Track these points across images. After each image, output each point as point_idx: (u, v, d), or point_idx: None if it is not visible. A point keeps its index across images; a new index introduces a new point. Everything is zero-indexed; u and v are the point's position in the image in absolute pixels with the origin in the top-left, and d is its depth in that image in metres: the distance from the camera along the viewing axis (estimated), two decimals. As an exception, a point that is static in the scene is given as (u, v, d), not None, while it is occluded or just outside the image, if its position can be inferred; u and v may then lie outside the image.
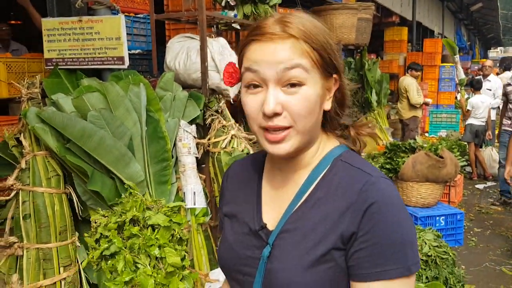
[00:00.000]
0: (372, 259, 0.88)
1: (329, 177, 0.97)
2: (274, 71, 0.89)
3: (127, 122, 2.73)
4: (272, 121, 0.89)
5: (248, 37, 0.95)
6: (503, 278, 4.23)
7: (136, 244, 1.01)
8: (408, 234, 0.90)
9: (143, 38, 3.63)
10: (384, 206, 0.89)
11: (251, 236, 1.01)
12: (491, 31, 32.04)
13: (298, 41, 0.90)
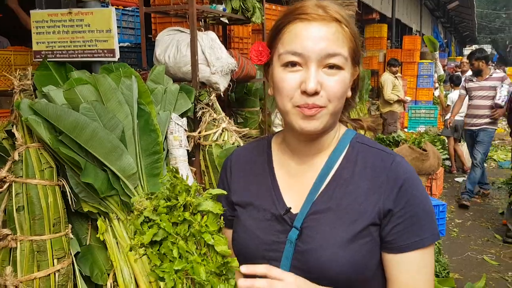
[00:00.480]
0: (409, 230, 0.97)
1: (352, 157, 1.03)
2: (318, 53, 0.92)
3: (119, 114, 2.73)
4: (310, 99, 0.93)
5: (288, 16, 0.97)
6: (485, 266, 4.37)
7: (188, 231, 1.00)
8: (431, 205, 0.99)
9: (132, 31, 3.62)
10: (413, 182, 0.99)
11: (274, 221, 1.03)
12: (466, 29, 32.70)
13: (341, 26, 0.95)
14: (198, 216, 1.01)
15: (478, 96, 6.14)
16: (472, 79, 6.27)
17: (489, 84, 6.04)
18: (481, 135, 6.16)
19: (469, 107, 6.31)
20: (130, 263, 2.80)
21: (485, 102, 6.08)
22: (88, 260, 2.77)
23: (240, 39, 4.78)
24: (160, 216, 0.97)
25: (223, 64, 3.16)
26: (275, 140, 1.15)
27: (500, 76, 6.07)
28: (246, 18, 3.78)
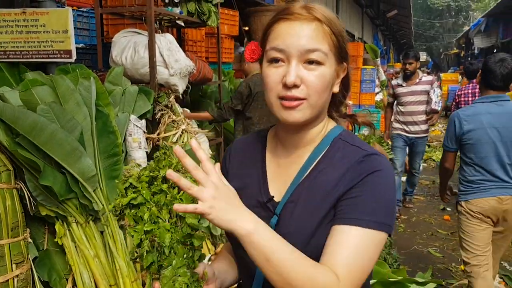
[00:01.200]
0: (354, 207, 0.99)
1: (331, 153, 1.10)
2: (298, 49, 1.00)
3: (77, 116, 2.69)
4: (290, 91, 1.01)
5: (275, 16, 1.06)
6: (431, 258, 4.63)
7: (162, 200, 1.07)
8: (390, 200, 1.03)
9: (86, 32, 3.56)
10: (380, 174, 1.02)
11: (259, 208, 1.10)
12: (404, 36, 34.19)
13: (321, 24, 1.03)
14: (175, 190, 1.08)
15: (410, 102, 5.76)
16: (401, 84, 5.82)
17: (420, 88, 5.71)
18: (419, 145, 5.94)
19: (401, 114, 5.88)
20: (90, 267, 2.76)
21: (419, 107, 5.76)
22: (46, 265, 2.71)
23: (194, 42, 4.80)
24: (141, 184, 1.06)
25: (182, 66, 3.18)
26: (270, 132, 1.23)
27: (429, 79, 5.82)
28: (202, 21, 3.81)
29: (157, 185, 1.08)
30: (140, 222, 1.05)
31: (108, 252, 2.86)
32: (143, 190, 1.07)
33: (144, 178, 1.10)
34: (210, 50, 5.30)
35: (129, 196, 1.05)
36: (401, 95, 5.80)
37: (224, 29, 5.15)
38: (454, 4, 46.28)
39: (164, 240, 1.04)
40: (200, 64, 3.65)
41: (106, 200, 2.84)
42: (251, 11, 5.68)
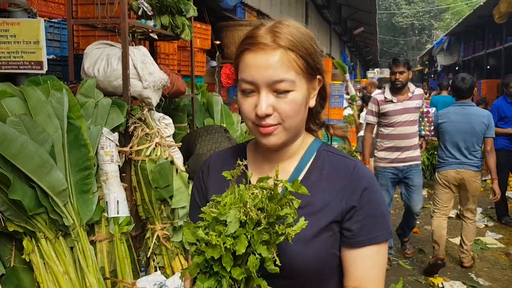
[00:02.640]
0: (367, 227, 1.08)
1: (319, 163, 1.14)
2: (265, 81, 1.03)
3: (48, 128, 2.63)
4: (264, 120, 1.05)
5: (242, 45, 1.08)
6: (401, 271, 4.70)
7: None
8: (387, 207, 1.13)
9: (57, 44, 3.48)
10: (374, 185, 1.12)
11: None
12: (370, 53, 35.05)
13: (286, 52, 1.04)
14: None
15: (402, 122, 4.44)
16: (390, 100, 4.46)
17: (414, 104, 4.49)
18: (415, 177, 4.59)
19: (389, 138, 4.50)
20: (59, 284, 2.68)
21: (412, 128, 4.52)
22: (13, 283, 2.62)
23: (166, 55, 4.78)
24: (250, 231, 0.89)
25: (156, 79, 3.16)
26: (249, 146, 1.25)
27: (421, 93, 4.66)
28: (175, 34, 3.80)
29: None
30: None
31: (78, 269, 2.79)
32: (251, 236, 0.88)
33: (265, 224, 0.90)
34: (183, 63, 5.29)
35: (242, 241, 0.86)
36: (390, 114, 4.46)
37: (197, 43, 5.16)
38: (417, 23, 47.79)
39: None
40: (173, 77, 3.63)
41: (77, 215, 2.78)
42: (223, 25, 5.71)
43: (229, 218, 0.88)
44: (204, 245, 0.89)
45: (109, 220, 2.96)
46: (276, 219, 0.90)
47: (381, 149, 4.61)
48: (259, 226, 0.89)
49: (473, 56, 19.43)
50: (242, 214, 0.89)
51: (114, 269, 3.00)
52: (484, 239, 5.75)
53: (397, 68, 4.47)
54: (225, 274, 0.88)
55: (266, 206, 0.90)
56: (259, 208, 0.90)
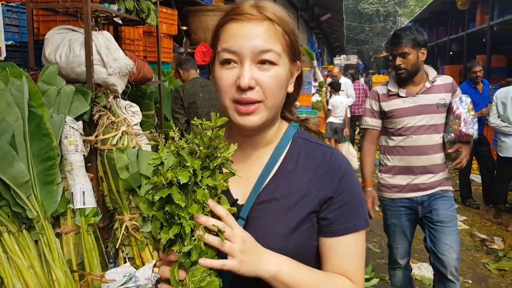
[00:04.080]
0: (344, 216, 1.05)
1: (295, 151, 1.09)
2: (251, 51, 0.97)
3: (8, 117, 2.51)
4: (245, 94, 0.98)
5: (225, 16, 1.02)
6: (370, 254, 4.77)
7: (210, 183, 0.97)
8: (363, 195, 1.10)
9: (16, 29, 3.31)
10: (350, 173, 1.08)
11: None
12: (336, 40, 35.24)
13: (273, 24, 1.00)
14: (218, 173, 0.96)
15: (417, 127, 2.86)
16: (397, 93, 2.90)
17: (436, 99, 2.86)
18: (442, 211, 2.88)
19: (398, 152, 2.94)
20: (24, 279, 2.59)
21: (434, 137, 2.89)
22: (-26, 280, 2.50)
23: (131, 40, 4.64)
24: (193, 160, 0.90)
25: (121, 65, 3.06)
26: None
27: (448, 82, 2.93)
28: (140, 19, 3.69)
29: (213, 165, 0.92)
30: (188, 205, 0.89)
31: (44, 262, 2.70)
32: (196, 167, 0.89)
33: (200, 154, 0.92)
34: (149, 49, 5.15)
35: (185, 173, 0.87)
36: (397, 115, 2.88)
37: (163, 28, 5.03)
38: (382, 9, 48.37)
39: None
40: (139, 63, 3.53)
41: (41, 207, 2.68)
42: (190, 10, 5.60)
43: (163, 156, 0.91)
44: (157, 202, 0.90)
45: (75, 212, 2.87)
46: (209, 149, 0.92)
47: (386, 170, 3.05)
48: (195, 155, 0.92)
49: (436, 42, 19.79)
50: (174, 148, 0.91)
51: (81, 261, 2.92)
52: (449, 221, 5.89)
53: (398, 49, 2.83)
54: (183, 214, 0.87)
55: (199, 143, 0.92)
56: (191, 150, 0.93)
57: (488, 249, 5.00)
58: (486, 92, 6.38)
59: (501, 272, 4.43)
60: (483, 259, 4.73)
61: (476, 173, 7.84)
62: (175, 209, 0.88)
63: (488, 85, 6.65)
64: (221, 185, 0.94)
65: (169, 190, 0.88)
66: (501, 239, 5.27)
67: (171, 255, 0.91)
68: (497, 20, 11.71)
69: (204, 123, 0.93)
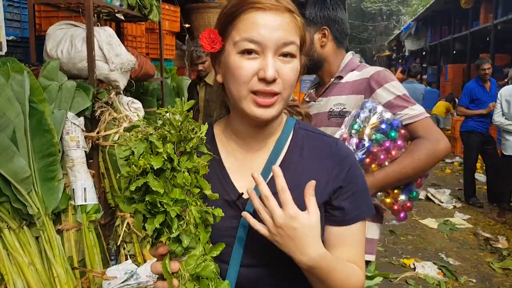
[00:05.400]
0: (354, 205, 1.06)
1: (298, 143, 1.09)
2: (275, 42, 0.95)
3: (9, 113, 2.49)
4: (268, 86, 0.95)
5: (243, 5, 0.98)
6: (374, 254, 4.73)
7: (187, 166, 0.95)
8: (367, 183, 1.11)
9: (17, 24, 3.29)
10: (356, 162, 1.10)
11: (226, 207, 1.01)
12: (339, 39, 35.11)
13: (293, 15, 0.99)
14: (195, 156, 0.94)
15: None
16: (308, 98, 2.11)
17: (331, 104, 1.97)
18: None
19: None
20: (25, 275, 2.57)
21: None
22: (-26, 276, 2.48)
23: (134, 37, 4.62)
24: (166, 145, 0.87)
25: (123, 61, 3.03)
26: (217, 127, 1.15)
27: (363, 77, 1.88)
28: (143, 15, 3.66)
29: (185, 147, 0.90)
30: (164, 194, 0.86)
31: (45, 259, 2.68)
32: (170, 151, 0.87)
33: (171, 138, 0.89)
34: (151, 46, 5.13)
35: (159, 158, 0.85)
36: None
37: (165, 25, 5.01)
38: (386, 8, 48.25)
39: (195, 215, 0.89)
40: (141, 60, 3.51)
41: (42, 203, 2.66)
42: (193, 7, 5.57)
43: (132, 145, 0.88)
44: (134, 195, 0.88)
45: (76, 208, 2.84)
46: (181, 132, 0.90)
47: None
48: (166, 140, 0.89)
49: (439, 41, 19.73)
50: (142, 136, 0.89)
51: (82, 258, 2.90)
52: (453, 220, 5.86)
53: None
54: (165, 200, 0.84)
55: (169, 128, 0.90)
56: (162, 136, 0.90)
57: (492, 248, 4.96)
58: (493, 91, 6.35)
59: (505, 271, 4.40)
60: (487, 258, 4.69)
61: (480, 171, 7.80)
62: (155, 197, 0.85)
63: (496, 84, 6.62)
64: (202, 168, 0.92)
65: (144, 179, 0.85)
66: (505, 238, 5.23)
67: (160, 247, 0.89)
68: (501, 18, 11.66)
69: (171, 110, 0.91)
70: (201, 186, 0.92)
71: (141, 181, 0.84)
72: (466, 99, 6.45)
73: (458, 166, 9.05)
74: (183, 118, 0.90)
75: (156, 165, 0.84)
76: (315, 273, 0.94)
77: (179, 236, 0.85)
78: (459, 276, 4.24)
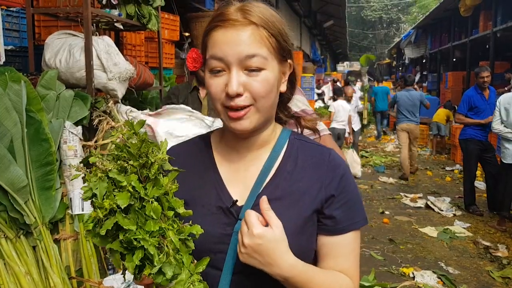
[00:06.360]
0: (346, 214, 1.06)
1: (293, 152, 1.10)
2: (237, 57, 0.97)
3: (6, 122, 2.49)
4: (234, 101, 0.98)
5: (211, 23, 1.03)
6: (373, 261, 4.72)
7: (155, 194, 0.90)
8: (360, 194, 1.11)
9: (16, 34, 3.31)
10: (348, 172, 1.10)
11: (220, 214, 1.04)
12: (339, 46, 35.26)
13: (257, 28, 0.99)
14: (161, 177, 0.93)
15: None
16: None
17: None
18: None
19: None
20: (21, 285, 2.55)
21: None
22: (-30, 286, 2.47)
23: (133, 46, 4.64)
24: (129, 177, 0.84)
25: (121, 70, 3.04)
26: (214, 137, 1.18)
27: None
28: (142, 24, 3.68)
29: (150, 173, 0.88)
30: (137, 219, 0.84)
31: (42, 268, 2.67)
32: (134, 183, 0.84)
33: (133, 169, 0.87)
34: (150, 55, 5.15)
35: (123, 195, 0.81)
36: None
37: (165, 34, 5.02)
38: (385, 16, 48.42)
39: (174, 241, 0.87)
40: (140, 69, 3.52)
41: (39, 213, 2.65)
42: (192, 16, 5.57)
43: (93, 187, 0.83)
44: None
45: (73, 218, 2.84)
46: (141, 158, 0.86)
47: None
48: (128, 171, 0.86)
49: (439, 48, 19.77)
50: (101, 174, 0.84)
51: (80, 268, 2.89)
52: (453, 228, 5.85)
53: None
54: (140, 236, 0.82)
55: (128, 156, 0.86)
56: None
57: (492, 256, 4.94)
58: (492, 99, 6.35)
59: (505, 280, 4.38)
60: (487, 267, 4.67)
61: (480, 179, 7.79)
62: (129, 235, 0.82)
63: (495, 92, 6.62)
64: (171, 188, 0.91)
65: (114, 218, 0.82)
66: (505, 246, 5.21)
67: (145, 279, 0.89)
68: (501, 26, 11.69)
69: (123, 133, 0.89)
70: (174, 207, 0.90)
71: (111, 222, 0.82)
72: (464, 107, 6.45)
73: (458, 174, 9.04)
74: (139, 143, 0.87)
75: (123, 203, 0.82)
76: (293, 284, 0.95)
77: (161, 269, 0.84)
78: (458, 285, 4.22)
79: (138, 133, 0.88)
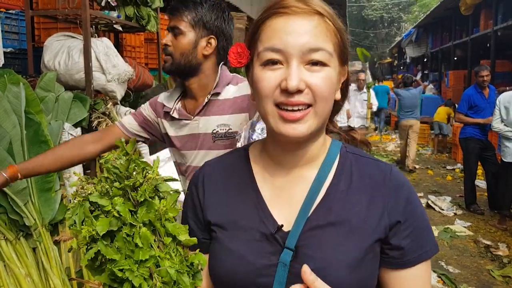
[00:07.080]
0: (416, 243, 0.90)
1: (346, 169, 0.95)
2: (299, 49, 0.84)
3: (5, 124, 2.51)
4: (293, 97, 0.83)
5: (268, 11, 0.89)
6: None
7: (146, 218, 0.78)
8: (427, 217, 0.96)
9: (15, 36, 3.33)
10: (413, 192, 0.94)
11: (263, 241, 0.90)
12: (340, 46, 35.20)
13: (323, 19, 0.87)
14: (156, 200, 0.82)
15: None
16: (170, 109, 1.86)
17: (214, 125, 1.85)
18: None
19: None
20: (21, 286, 2.56)
21: None
22: (-29, 288, 2.49)
23: (133, 47, 4.66)
24: (113, 200, 0.77)
25: (120, 71, 3.06)
26: (252, 151, 1.03)
27: (243, 94, 1.81)
28: (140, 26, 3.69)
29: (140, 195, 0.79)
30: (120, 255, 0.76)
31: (42, 270, 2.68)
32: (119, 207, 0.76)
33: (116, 192, 0.79)
34: (150, 56, 5.16)
35: (103, 220, 0.74)
36: (176, 147, 1.92)
37: (164, 35, 5.04)
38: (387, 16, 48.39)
39: (168, 272, 0.78)
40: (139, 70, 3.53)
41: (39, 215, 2.66)
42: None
43: (72, 213, 0.78)
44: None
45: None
46: (129, 180, 0.79)
47: None
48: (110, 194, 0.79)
49: (440, 47, 19.75)
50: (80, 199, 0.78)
51: (80, 269, 2.90)
52: (453, 227, 5.84)
53: (171, 19, 1.81)
54: (127, 266, 0.75)
55: (115, 178, 0.80)
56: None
57: (493, 255, 4.94)
58: (492, 98, 6.35)
59: (505, 279, 4.37)
60: (487, 266, 4.67)
61: (481, 178, 7.78)
62: (111, 267, 0.75)
63: (494, 91, 6.61)
64: (170, 209, 0.81)
65: (96, 247, 0.75)
66: (506, 245, 5.21)
67: None
68: (501, 25, 11.67)
69: (113, 154, 0.81)
70: (173, 233, 0.81)
71: (93, 251, 0.75)
72: (464, 106, 6.45)
73: (459, 173, 9.03)
74: (126, 163, 0.78)
75: (102, 230, 0.74)
76: None
77: None
78: (459, 284, 4.22)
79: (128, 153, 0.80)
